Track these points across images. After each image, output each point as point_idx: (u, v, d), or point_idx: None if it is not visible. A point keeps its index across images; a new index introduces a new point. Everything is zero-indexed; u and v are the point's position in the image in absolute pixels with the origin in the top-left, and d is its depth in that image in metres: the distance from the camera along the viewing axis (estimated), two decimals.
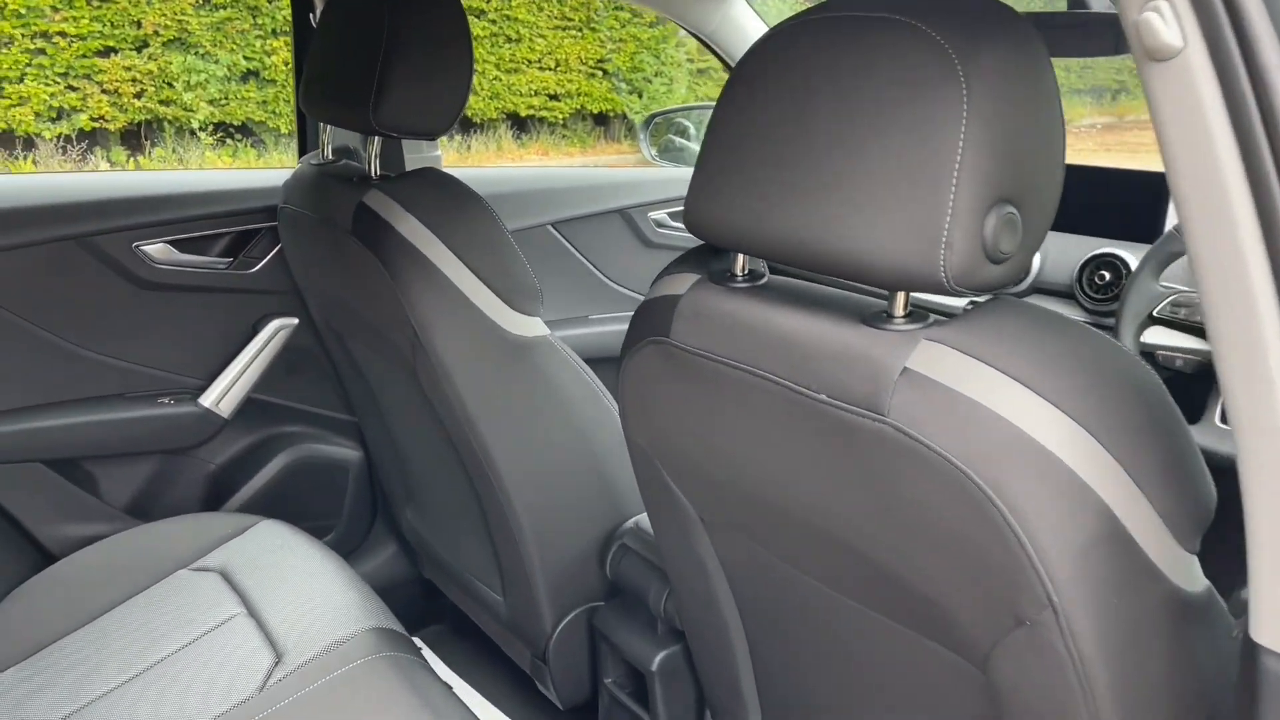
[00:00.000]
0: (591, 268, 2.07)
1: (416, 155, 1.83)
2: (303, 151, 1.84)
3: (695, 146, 2.33)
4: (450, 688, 1.20)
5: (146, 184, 1.67)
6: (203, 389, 1.68)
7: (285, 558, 1.37)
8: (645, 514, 1.33)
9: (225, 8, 7.72)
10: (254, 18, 7.72)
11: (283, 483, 1.77)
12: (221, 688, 1.13)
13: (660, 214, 2.14)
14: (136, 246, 1.61)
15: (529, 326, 1.31)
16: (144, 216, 1.61)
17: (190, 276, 1.66)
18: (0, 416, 1.54)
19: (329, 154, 1.48)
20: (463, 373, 1.27)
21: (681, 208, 2.13)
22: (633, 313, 0.95)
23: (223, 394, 1.69)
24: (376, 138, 1.33)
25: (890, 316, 0.73)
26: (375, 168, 1.35)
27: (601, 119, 9.32)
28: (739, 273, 0.85)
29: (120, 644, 1.24)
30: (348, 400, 1.80)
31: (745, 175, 0.76)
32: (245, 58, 7.81)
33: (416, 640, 1.77)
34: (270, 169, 1.78)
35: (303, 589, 1.28)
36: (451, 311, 1.24)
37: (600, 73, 9.13)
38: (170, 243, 1.63)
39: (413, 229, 1.23)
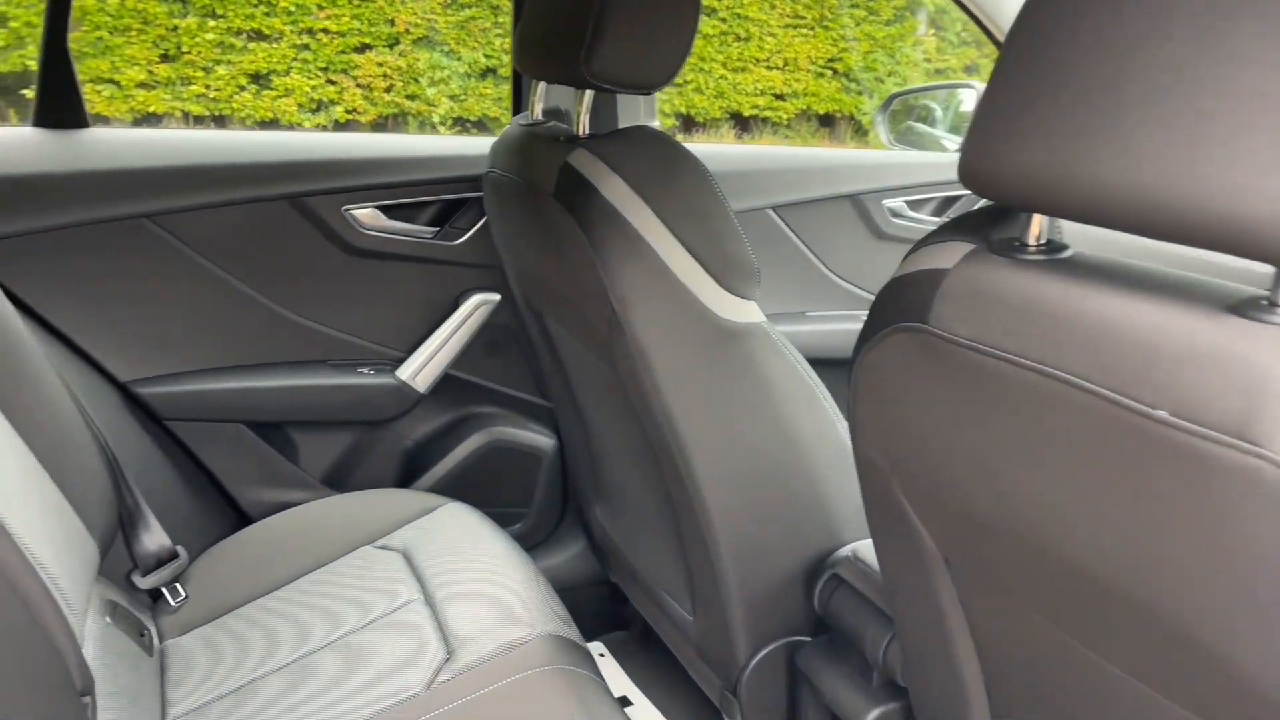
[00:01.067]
0: (813, 258, 1.87)
1: (632, 121, 1.70)
2: (516, 114, 1.76)
3: (940, 132, 2.08)
4: (625, 713, 1.07)
5: (357, 146, 1.64)
6: (401, 361, 1.64)
7: (468, 545, 1.30)
8: (866, 541, 1.14)
9: (470, 6, 8.05)
10: (495, 16, 8.01)
11: (474, 465, 1.70)
12: (390, 680, 1.08)
13: (897, 202, 1.91)
14: (346, 210, 1.58)
15: (742, 311, 1.14)
16: (354, 179, 1.58)
17: (396, 244, 1.62)
18: (206, 374, 1.55)
19: (538, 114, 1.38)
20: (662, 358, 1.12)
21: (923, 195, 1.91)
22: (856, 311, 0.75)
23: (420, 368, 1.64)
24: (588, 93, 1.21)
25: (1275, 305, 0.51)
26: (584, 125, 1.22)
27: (827, 120, 9.03)
28: (1033, 241, 0.64)
29: (300, 616, 1.22)
30: (544, 385, 1.71)
31: (1052, 112, 0.56)
32: (485, 55, 8.12)
33: (598, 645, 1.65)
34: (483, 137, 1.72)
35: (482, 581, 1.21)
36: (654, 287, 1.10)
37: (830, 72, 8.84)
38: (379, 208, 1.59)
39: (617, 191, 1.10)
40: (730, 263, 1.12)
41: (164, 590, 1.30)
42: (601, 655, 1.64)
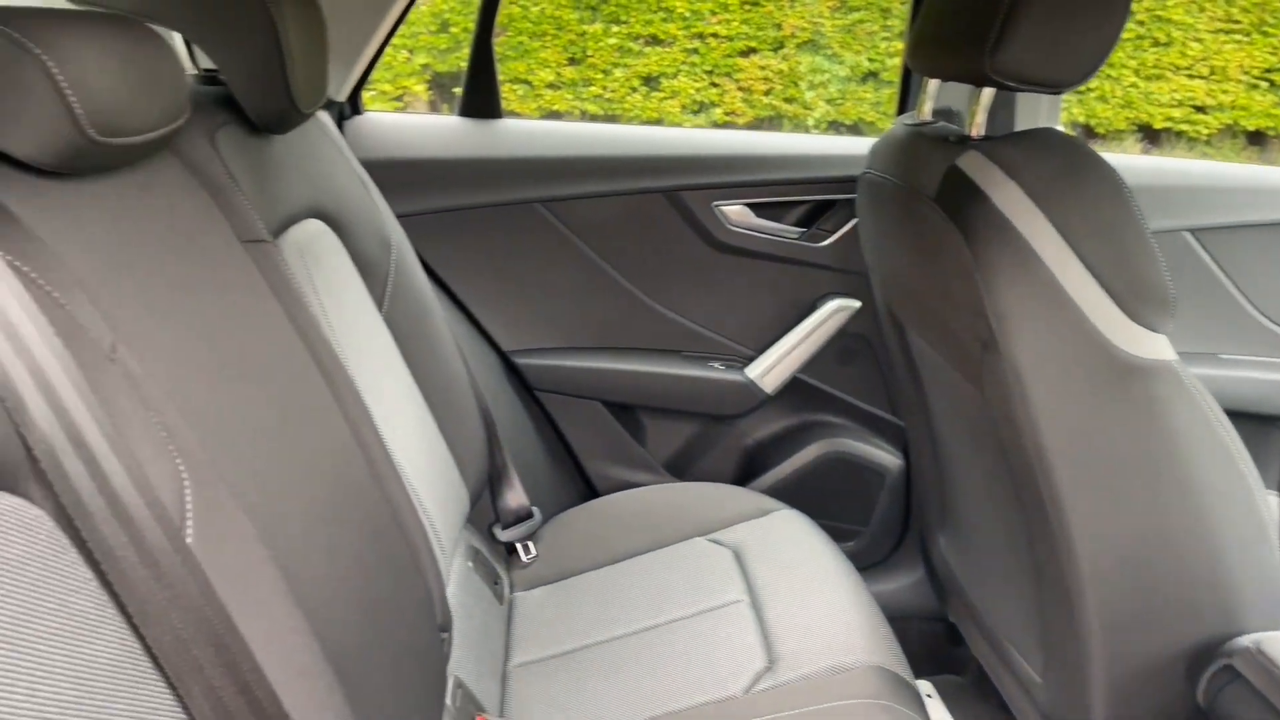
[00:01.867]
0: (1235, 292, 1.61)
1: (1030, 124, 1.56)
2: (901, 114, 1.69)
3: None
4: None
5: (731, 143, 1.66)
6: (752, 359, 1.64)
7: (800, 555, 1.27)
8: (1275, 634, 0.95)
9: (859, 10, 7.95)
10: (884, 19, 7.85)
11: (812, 474, 1.66)
12: (711, 676, 1.08)
13: None
14: (716, 205, 1.60)
15: (1150, 346, 1.00)
16: (726, 176, 1.60)
17: (761, 242, 1.62)
18: (574, 352, 1.65)
19: (927, 113, 1.30)
20: (1043, 388, 1.01)
21: None
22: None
23: (769, 368, 1.62)
24: (986, 91, 1.11)
25: None
26: (980, 125, 1.13)
27: (1257, 137, 7.83)
28: None
29: (633, 593, 1.26)
30: (895, 400, 1.62)
31: None
32: (869, 59, 7.98)
33: (926, 685, 1.54)
34: (857, 137, 1.66)
35: (810, 596, 1.18)
36: (1043, 307, 0.99)
37: (1267, 83, 7.66)
38: (748, 205, 1.60)
39: (1011, 198, 1.00)
40: (1141, 287, 0.98)
41: (518, 545, 1.40)
42: (929, 696, 1.54)
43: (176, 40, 1.15)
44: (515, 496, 1.43)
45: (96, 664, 0.50)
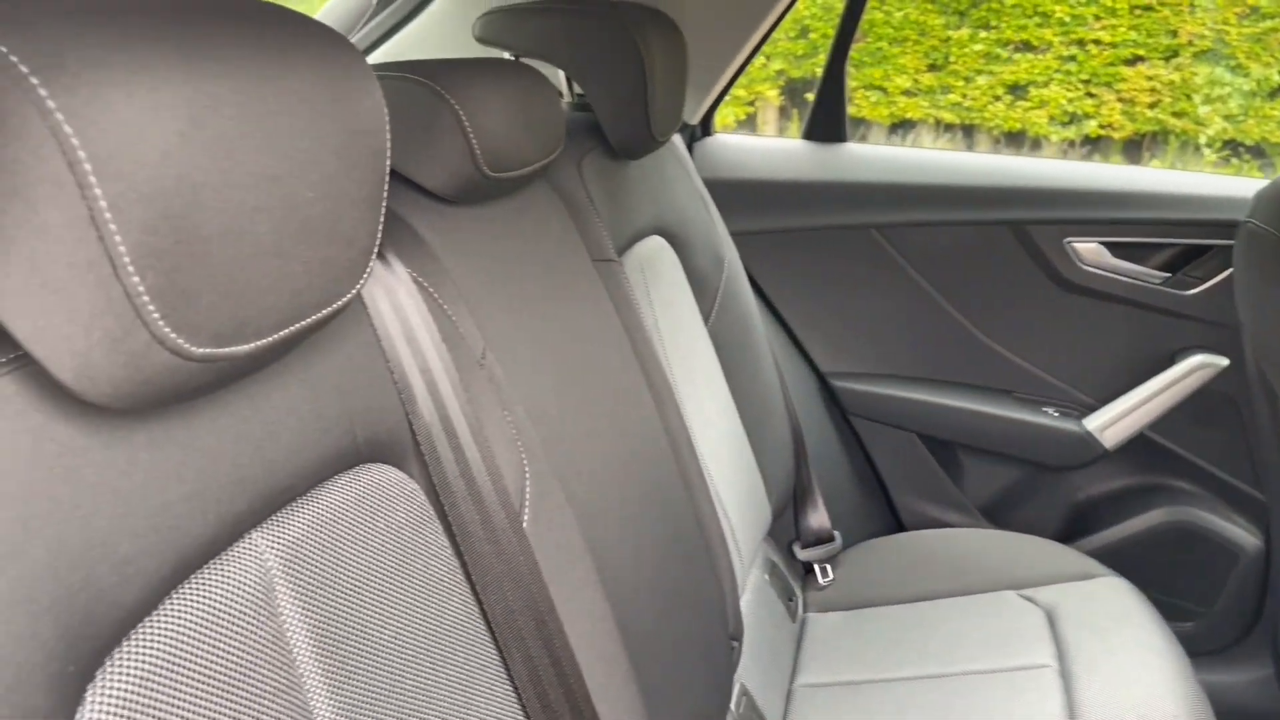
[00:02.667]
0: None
1: None
2: None
3: None
4: None
5: (1085, 176, 1.54)
6: (1092, 409, 1.52)
7: (1122, 628, 1.17)
8: None
9: (1273, 17, 6.97)
10: None
11: (1148, 542, 1.51)
12: None
13: None
14: (1068, 243, 1.50)
15: None
16: (1080, 211, 1.49)
17: (1117, 285, 1.49)
18: (894, 380, 1.63)
19: None
20: None
21: None
22: None
23: (1111, 422, 1.50)
24: None
25: None
26: None
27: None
28: None
29: (930, 636, 1.23)
30: (1260, 472, 1.43)
31: None
32: None
33: None
34: (1236, 176, 1.48)
35: (1129, 674, 1.08)
36: None
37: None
38: (1105, 244, 1.48)
39: None
40: None
41: (816, 567, 1.41)
42: None
43: (559, 72, 1.28)
44: (818, 518, 1.44)
45: (446, 621, 0.60)
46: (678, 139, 1.39)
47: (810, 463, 1.44)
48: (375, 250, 0.51)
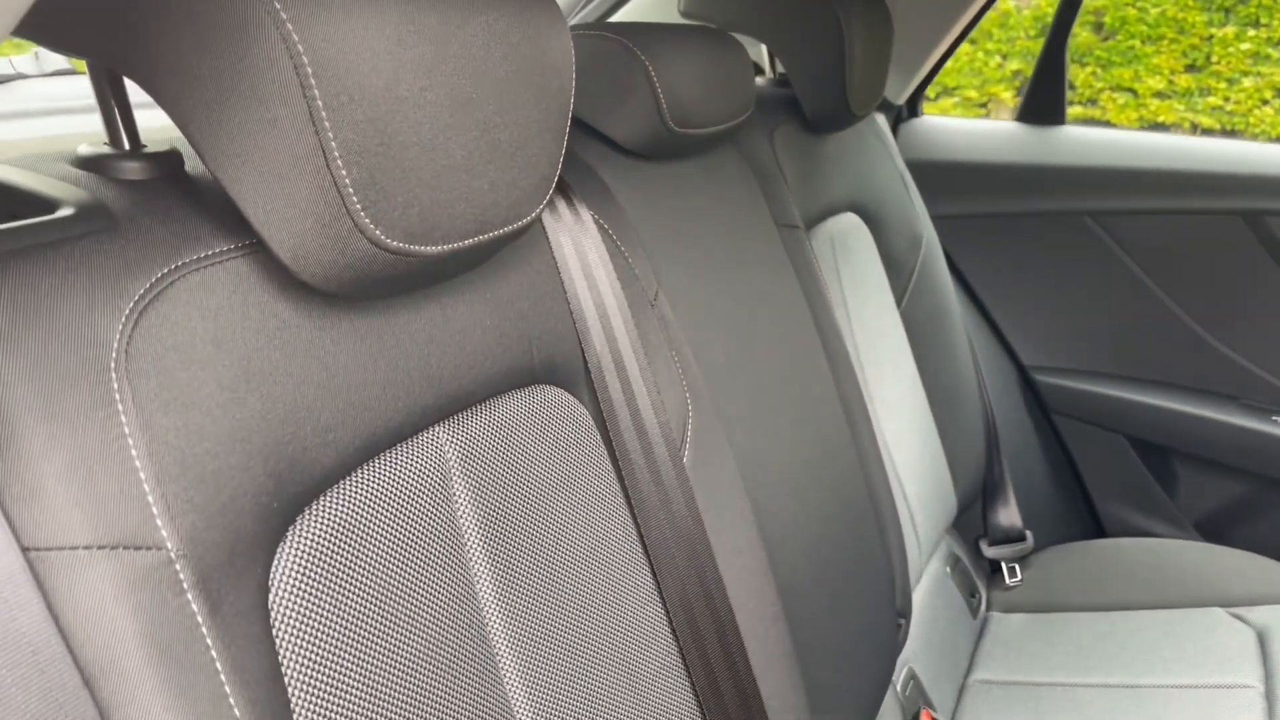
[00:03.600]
0: None
1: None
2: None
3: None
4: None
5: None
6: None
7: None
8: None
9: None
10: None
11: None
12: None
13: None
14: None
15: None
16: None
17: None
18: (1103, 378, 1.54)
19: None
20: None
21: None
22: None
23: None
24: None
25: None
26: None
27: None
28: None
29: (1124, 646, 1.18)
30: None
31: None
32: None
33: None
34: None
35: None
36: None
37: None
38: None
39: None
40: None
41: (1004, 565, 1.36)
42: None
43: (763, 50, 1.31)
44: (1009, 515, 1.39)
45: (608, 539, 0.65)
46: (882, 119, 1.38)
47: (1005, 459, 1.39)
48: (556, 179, 0.56)
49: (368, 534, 0.51)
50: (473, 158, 0.49)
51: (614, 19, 1.29)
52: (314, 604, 0.47)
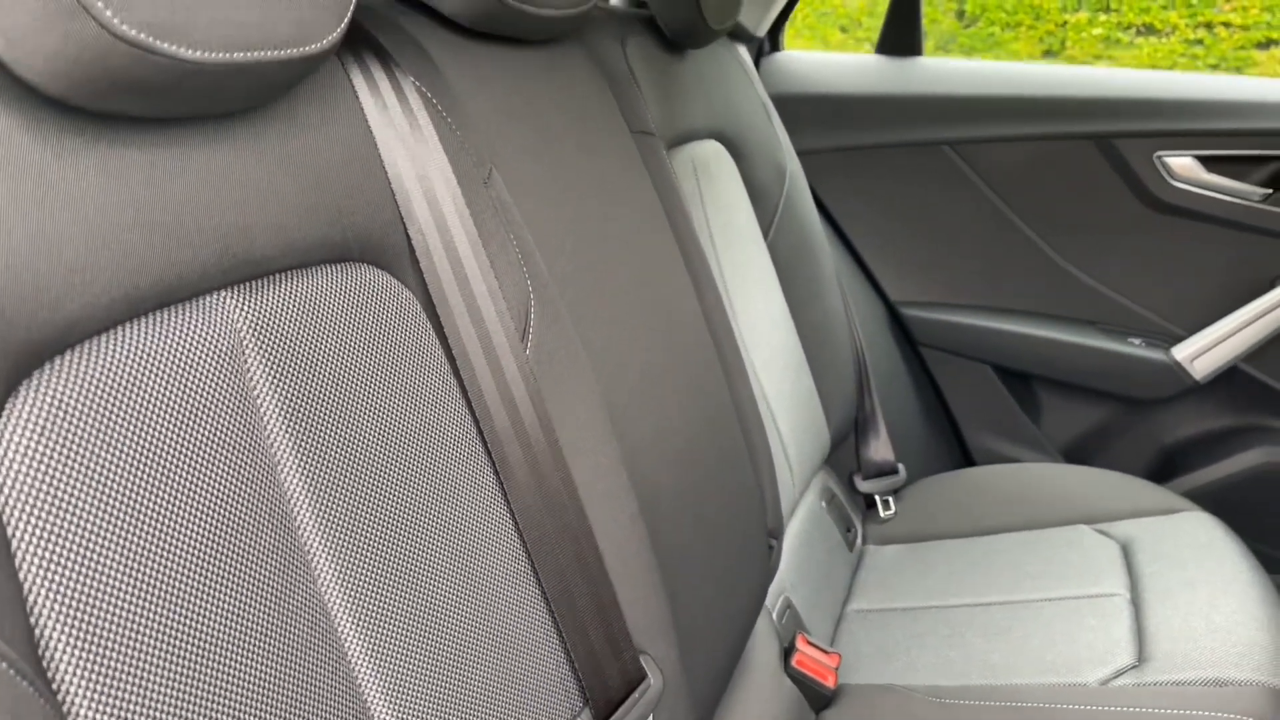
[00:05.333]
0: None
1: None
2: None
3: None
4: None
5: (1179, 85, 1.44)
6: (1180, 339, 1.42)
7: (1205, 561, 1.11)
8: None
9: None
10: None
11: (1244, 485, 1.42)
12: (1065, 660, 0.99)
13: None
14: (1158, 156, 1.40)
15: None
16: (1174, 123, 1.39)
17: (1211, 204, 1.39)
18: (967, 309, 1.56)
19: None
20: None
21: None
22: None
23: (1201, 351, 1.40)
24: None
25: None
26: None
27: None
28: None
29: (995, 567, 1.19)
30: None
31: None
32: None
33: None
34: None
35: (1207, 604, 1.03)
36: None
37: None
38: (1199, 158, 1.38)
39: None
40: None
41: (877, 499, 1.36)
42: None
43: None
44: (881, 449, 1.39)
45: (439, 433, 0.58)
46: (743, 51, 1.35)
47: (875, 393, 1.39)
48: (352, 4, 0.49)
49: (134, 406, 0.43)
50: None
51: None
52: (59, 486, 0.39)
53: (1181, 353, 1.41)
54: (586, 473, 0.65)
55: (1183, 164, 1.40)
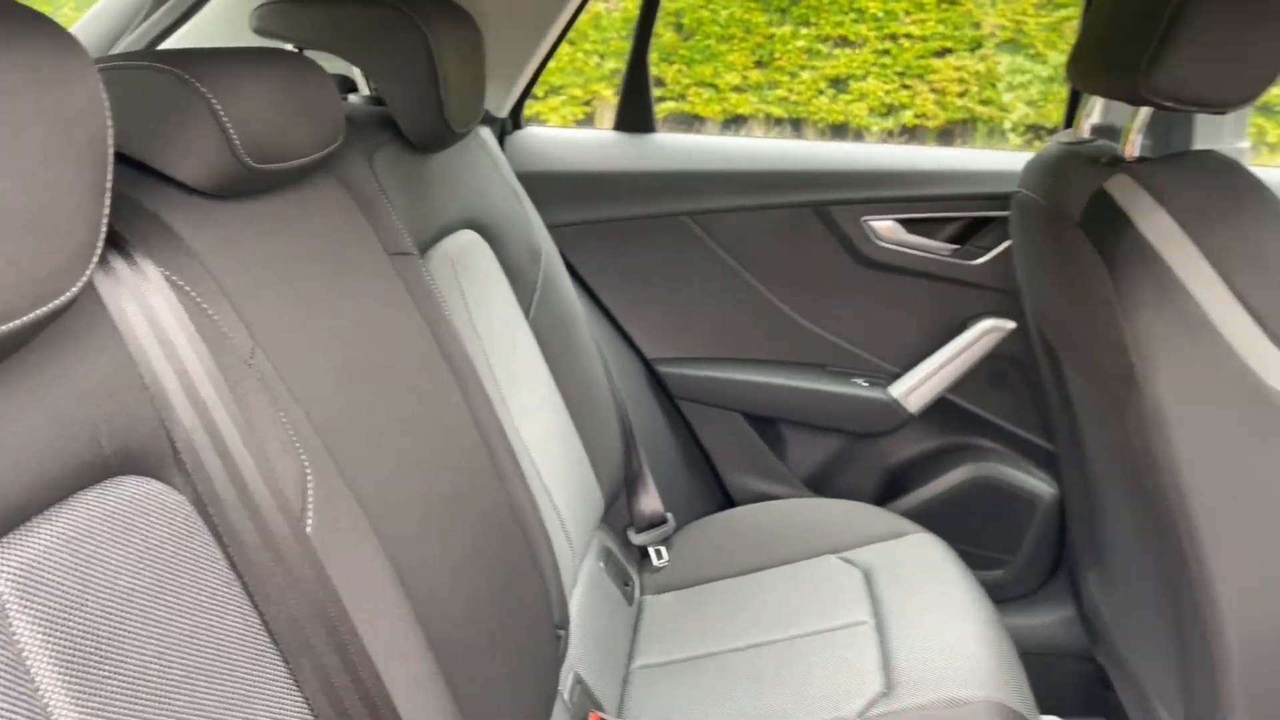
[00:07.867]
0: None
1: (1212, 143, 1.45)
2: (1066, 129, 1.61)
3: None
4: None
5: (877, 157, 1.63)
6: (896, 377, 1.60)
7: (930, 581, 1.25)
8: None
9: (1068, 6, 7.52)
10: None
11: (956, 499, 1.61)
12: (826, 696, 1.08)
13: None
14: (865, 220, 1.58)
15: None
16: (876, 190, 1.57)
17: (911, 259, 1.58)
18: (717, 363, 1.67)
19: (1084, 132, 1.23)
20: (1187, 432, 0.95)
21: None
22: None
23: (914, 387, 1.59)
24: (1142, 110, 1.05)
25: None
26: (1134, 146, 1.07)
27: None
28: None
29: (760, 606, 1.27)
30: (1051, 427, 1.55)
31: None
32: None
33: None
34: (1015, 151, 1.60)
35: (939, 623, 1.15)
36: (1189, 345, 0.93)
37: None
38: (899, 221, 1.57)
39: (1159, 227, 0.94)
40: None
41: (651, 550, 1.43)
42: None
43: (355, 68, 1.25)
44: (650, 501, 1.46)
45: (223, 636, 0.57)
46: (487, 132, 1.38)
47: (640, 448, 1.46)
48: (100, 244, 0.49)
49: None
50: None
51: (179, 39, 1.16)
52: None
53: (897, 390, 1.60)
54: (378, 636, 0.67)
55: (885, 226, 1.58)
